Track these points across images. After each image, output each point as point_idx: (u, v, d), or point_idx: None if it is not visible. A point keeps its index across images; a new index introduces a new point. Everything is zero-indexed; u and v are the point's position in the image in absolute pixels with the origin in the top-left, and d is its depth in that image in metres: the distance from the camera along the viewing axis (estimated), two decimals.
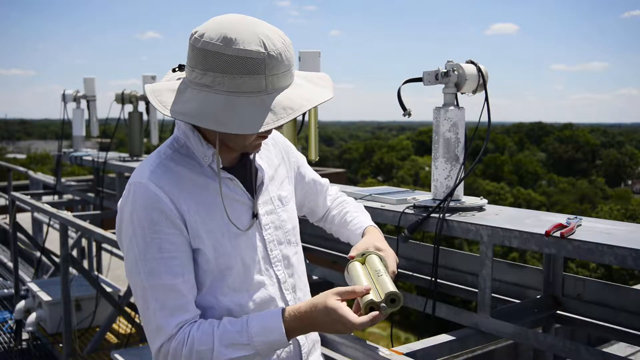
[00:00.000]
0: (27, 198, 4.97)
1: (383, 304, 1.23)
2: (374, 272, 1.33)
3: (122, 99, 4.94)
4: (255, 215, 1.41)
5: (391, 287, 1.26)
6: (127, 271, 1.33)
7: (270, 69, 1.22)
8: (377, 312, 1.24)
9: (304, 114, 2.11)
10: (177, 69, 1.39)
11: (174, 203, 1.29)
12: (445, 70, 2.18)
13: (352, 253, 1.44)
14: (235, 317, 1.33)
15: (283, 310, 1.29)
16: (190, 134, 1.36)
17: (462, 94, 2.22)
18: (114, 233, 3.64)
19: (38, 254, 5.63)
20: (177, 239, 1.29)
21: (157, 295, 1.28)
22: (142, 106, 5.01)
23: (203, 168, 1.36)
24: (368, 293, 1.26)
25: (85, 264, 5.53)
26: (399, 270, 2.64)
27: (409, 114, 2.17)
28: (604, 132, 63.03)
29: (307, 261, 2.69)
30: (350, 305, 1.29)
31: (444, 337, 2.04)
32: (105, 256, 5.93)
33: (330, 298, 1.26)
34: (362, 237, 1.58)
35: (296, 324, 1.27)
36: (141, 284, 1.29)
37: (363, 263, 1.40)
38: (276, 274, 1.43)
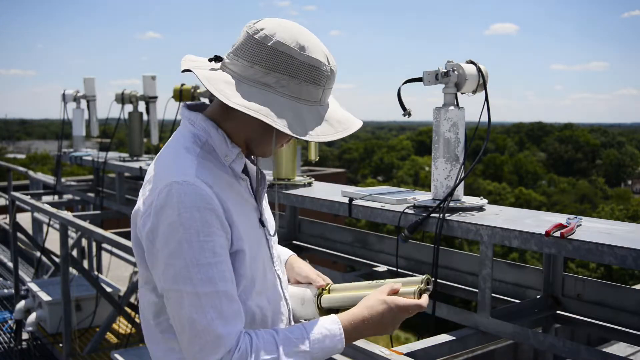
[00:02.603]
0: (27, 198, 4.97)
1: (427, 286, 1.34)
2: (366, 285, 1.39)
3: (122, 99, 4.94)
4: (261, 216, 1.40)
5: (418, 275, 1.37)
6: (172, 279, 1.19)
7: (328, 82, 1.25)
8: (427, 294, 1.33)
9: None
10: (212, 60, 1.29)
11: (222, 202, 1.21)
12: (445, 70, 2.18)
13: (316, 291, 1.45)
14: (257, 320, 1.31)
15: (337, 317, 1.29)
16: (214, 132, 1.29)
17: (462, 94, 2.22)
18: (114, 233, 3.67)
19: (38, 254, 5.63)
20: (225, 242, 1.22)
21: (214, 303, 1.18)
22: (142, 106, 5.00)
23: (224, 167, 1.30)
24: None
25: (85, 264, 5.53)
26: (399, 270, 2.64)
27: (409, 114, 2.17)
28: (604, 132, 62.87)
29: (307, 261, 2.68)
30: None
31: (444, 337, 2.04)
32: (105, 256, 5.94)
33: (382, 294, 1.30)
34: (292, 266, 1.56)
35: (352, 329, 1.27)
36: (195, 291, 1.17)
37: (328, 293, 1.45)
38: (277, 273, 1.43)
